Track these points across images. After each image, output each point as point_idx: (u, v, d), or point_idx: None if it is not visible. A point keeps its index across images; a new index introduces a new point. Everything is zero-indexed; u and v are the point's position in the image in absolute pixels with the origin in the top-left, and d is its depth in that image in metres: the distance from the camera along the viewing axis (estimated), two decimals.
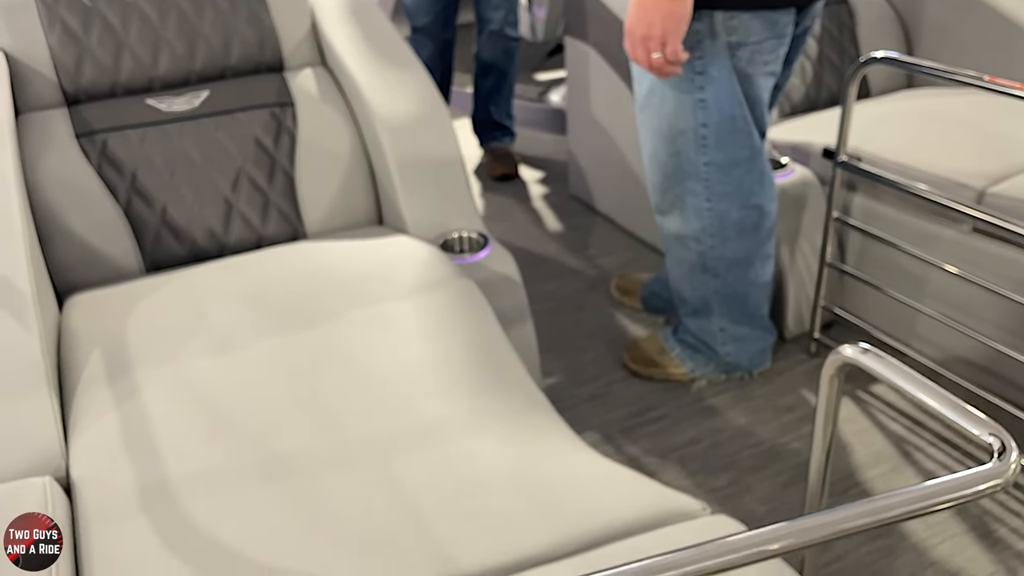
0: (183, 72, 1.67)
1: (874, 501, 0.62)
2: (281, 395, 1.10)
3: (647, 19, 1.30)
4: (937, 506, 0.62)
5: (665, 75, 1.36)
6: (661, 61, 1.33)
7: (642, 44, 1.32)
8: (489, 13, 2.62)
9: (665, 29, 1.29)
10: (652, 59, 1.33)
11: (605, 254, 2.31)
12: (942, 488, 0.62)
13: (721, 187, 1.52)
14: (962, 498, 0.63)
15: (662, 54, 1.32)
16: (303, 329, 1.23)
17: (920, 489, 0.62)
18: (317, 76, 1.73)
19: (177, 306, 1.32)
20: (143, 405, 1.08)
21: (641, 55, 1.34)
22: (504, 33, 2.65)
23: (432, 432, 1.06)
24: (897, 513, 0.62)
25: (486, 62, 2.72)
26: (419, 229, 1.55)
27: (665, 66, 1.34)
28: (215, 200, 1.58)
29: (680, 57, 1.33)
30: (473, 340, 1.24)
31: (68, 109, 1.58)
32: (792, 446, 1.63)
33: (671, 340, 1.80)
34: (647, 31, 1.30)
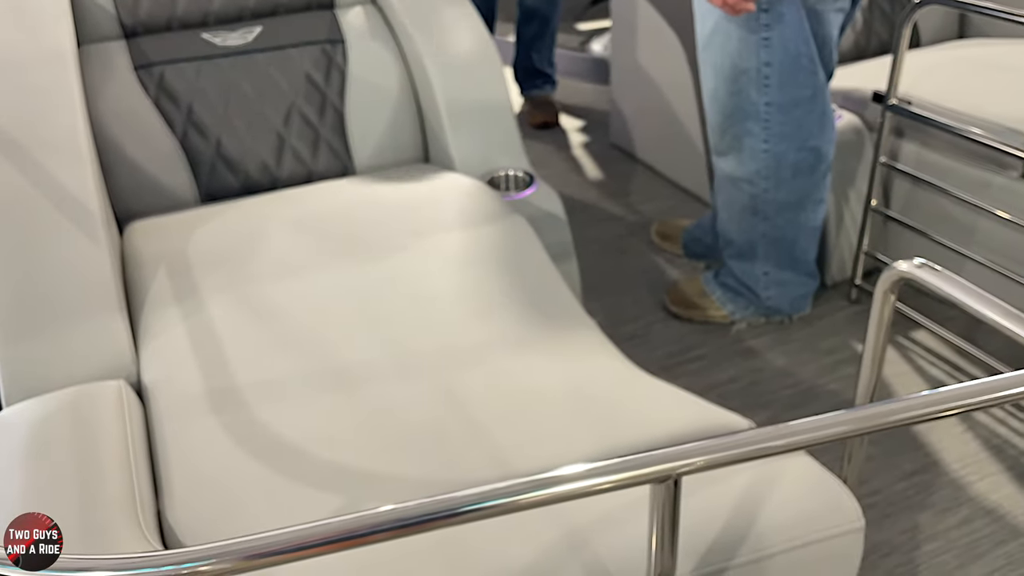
0: (237, 7, 1.69)
1: (925, 395, 0.64)
2: (340, 313, 1.14)
3: None
4: (989, 403, 0.64)
5: (738, 12, 1.36)
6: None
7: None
8: None
9: None
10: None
11: (646, 201, 2.31)
12: (997, 384, 0.64)
13: (780, 127, 1.52)
14: (1014, 396, 0.64)
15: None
16: (358, 256, 1.26)
17: (974, 385, 0.64)
18: (367, 14, 1.74)
19: (236, 232, 1.36)
20: (209, 320, 1.13)
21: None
22: None
23: (487, 349, 1.10)
24: (951, 406, 0.64)
25: (529, 9, 2.71)
26: (466, 167, 1.57)
27: (740, 3, 1.33)
28: (268, 134, 1.61)
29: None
30: (524, 268, 1.26)
31: (127, 42, 1.62)
32: (830, 387, 1.65)
33: (712, 283, 1.82)
34: None
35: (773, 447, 0.62)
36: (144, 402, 1.04)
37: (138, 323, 1.16)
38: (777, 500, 0.83)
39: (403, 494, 0.88)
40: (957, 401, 0.64)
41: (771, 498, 0.83)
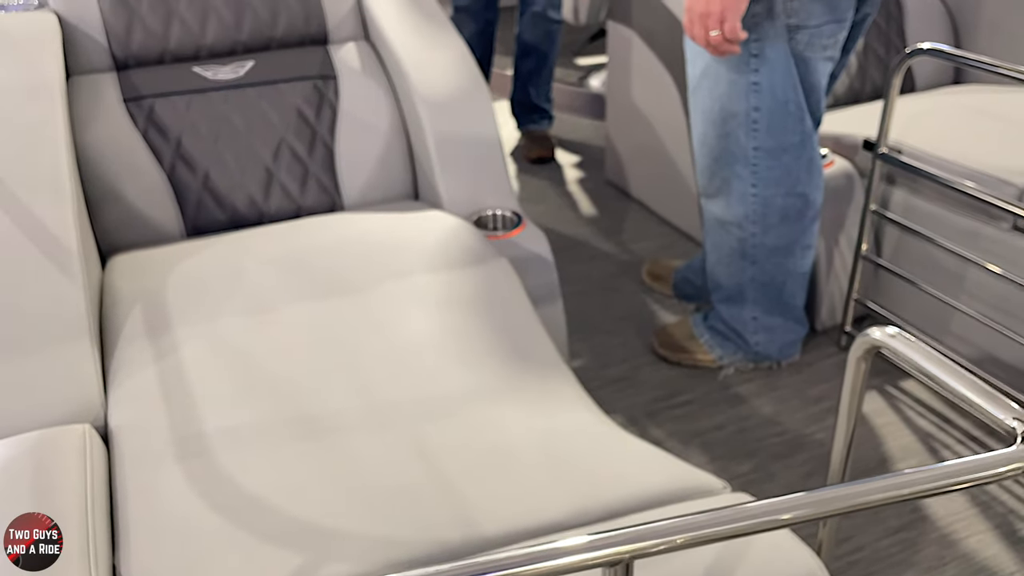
0: (230, 41, 1.70)
1: (894, 477, 0.63)
2: (314, 358, 1.13)
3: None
4: (957, 485, 0.63)
5: (722, 54, 1.36)
6: (719, 39, 1.32)
7: (700, 21, 1.32)
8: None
9: (724, 6, 1.28)
10: (710, 36, 1.32)
11: (638, 239, 2.31)
12: (964, 468, 0.62)
13: (768, 173, 1.52)
14: (983, 479, 0.63)
15: (720, 32, 1.31)
16: (338, 296, 1.25)
17: (941, 468, 0.63)
18: (360, 50, 1.75)
19: (216, 268, 1.35)
20: (181, 361, 1.11)
21: (699, 32, 1.33)
22: (546, 15, 2.65)
23: (460, 400, 1.08)
24: (917, 490, 0.62)
25: (527, 44, 2.72)
26: (454, 205, 1.57)
27: (723, 44, 1.33)
28: (256, 168, 1.61)
29: (739, 36, 1.32)
30: (503, 315, 1.25)
31: (117, 74, 1.62)
32: (817, 436, 1.63)
33: (701, 326, 1.80)
34: (706, 8, 1.30)
35: (732, 530, 0.60)
36: (109, 447, 1.02)
37: (110, 363, 1.14)
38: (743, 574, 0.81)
39: (367, 554, 0.87)
40: (925, 484, 0.62)
41: (736, 572, 0.81)
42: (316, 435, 1.01)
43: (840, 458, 0.91)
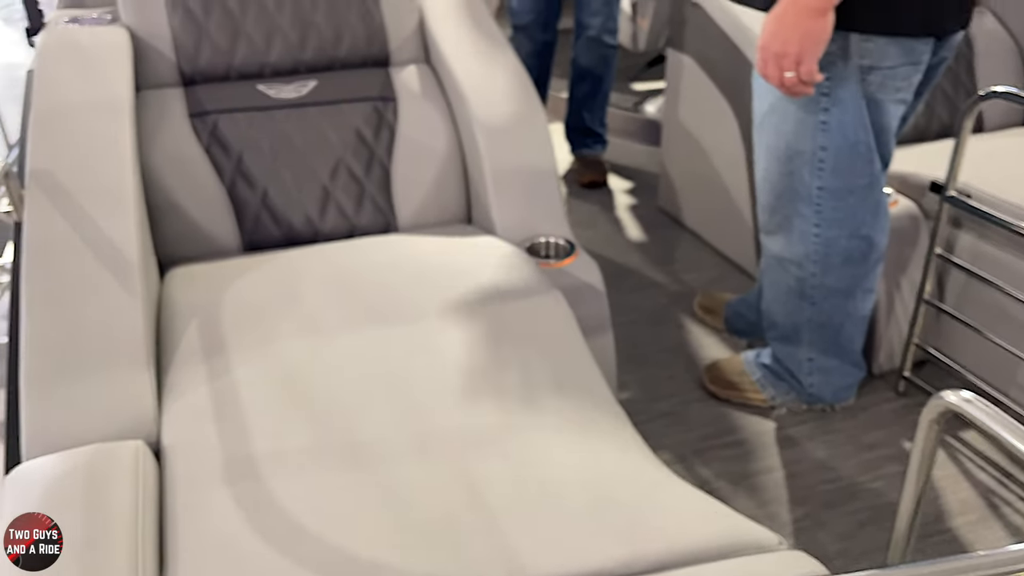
0: (293, 60, 1.72)
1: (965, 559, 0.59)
2: (364, 385, 1.12)
3: (784, 36, 1.26)
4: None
5: (796, 95, 1.33)
6: (794, 80, 1.29)
7: (775, 61, 1.29)
8: (588, 19, 2.62)
9: (803, 48, 1.26)
10: (785, 78, 1.30)
11: (690, 270, 2.27)
12: None
13: (832, 213, 1.48)
14: None
15: (796, 73, 1.29)
16: (390, 323, 1.25)
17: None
18: (420, 73, 1.76)
19: (272, 288, 1.36)
20: (234, 381, 1.12)
21: (773, 72, 1.31)
22: (602, 40, 2.63)
23: (508, 433, 1.06)
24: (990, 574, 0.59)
25: (582, 68, 2.71)
26: (507, 231, 1.56)
27: (797, 85, 1.30)
28: (314, 187, 1.62)
29: (815, 78, 1.29)
30: (556, 348, 1.23)
31: (184, 89, 1.65)
32: (872, 485, 1.57)
33: (753, 364, 1.76)
34: (783, 48, 1.27)
35: None
36: (161, 464, 1.02)
37: (165, 378, 1.15)
38: None
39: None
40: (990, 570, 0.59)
41: None
42: (364, 463, 1.01)
43: (906, 521, 0.87)
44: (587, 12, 2.61)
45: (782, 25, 1.26)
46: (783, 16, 1.26)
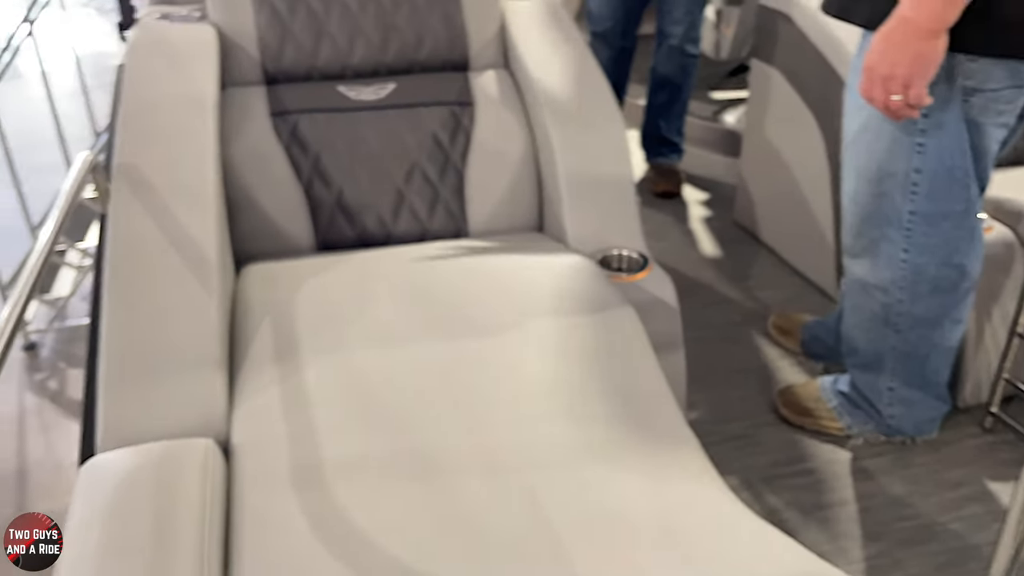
0: (374, 63, 1.72)
1: None
2: (433, 395, 1.11)
3: (893, 57, 1.20)
4: None
5: (899, 118, 1.27)
6: (900, 104, 1.23)
7: (882, 84, 1.23)
8: (670, 27, 2.57)
9: (912, 71, 1.19)
10: (891, 101, 1.24)
11: (765, 287, 2.21)
12: None
13: (924, 239, 1.41)
14: None
15: (903, 97, 1.23)
16: (461, 334, 1.23)
17: None
18: (499, 78, 1.74)
19: (345, 290, 1.36)
20: (305, 383, 1.12)
21: (878, 95, 1.25)
22: (683, 49, 2.58)
23: (575, 453, 1.04)
24: None
25: (661, 76, 2.66)
26: (579, 242, 1.53)
27: (903, 109, 1.24)
28: (388, 189, 1.62)
29: (924, 102, 1.23)
30: (627, 367, 1.20)
31: (267, 88, 1.67)
32: (952, 526, 1.49)
33: (829, 390, 1.70)
34: (891, 70, 1.21)
35: None
36: (230, 463, 1.03)
37: (237, 376, 1.16)
38: None
39: None
40: None
41: None
42: (428, 475, 0.99)
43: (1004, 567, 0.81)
44: (669, 20, 2.56)
45: (891, 45, 1.20)
46: (892, 36, 1.20)
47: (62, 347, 2.46)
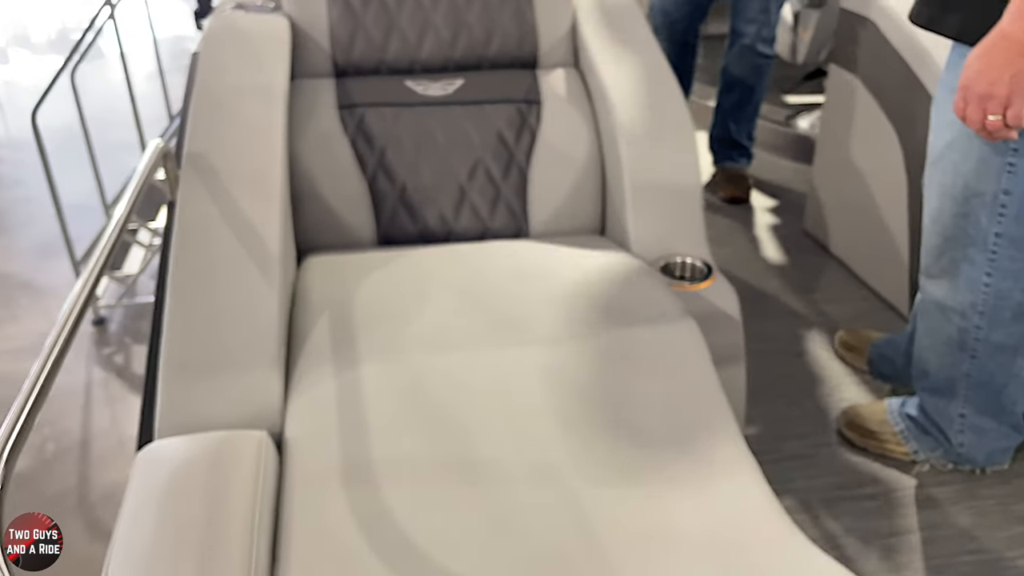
0: (443, 58, 1.72)
1: None
2: (486, 401, 1.10)
3: (992, 76, 1.14)
4: None
5: (996, 139, 1.21)
6: (998, 124, 1.17)
7: (978, 103, 1.17)
8: (743, 26, 2.50)
9: (1012, 90, 1.13)
10: (988, 121, 1.17)
11: (833, 301, 2.14)
12: None
13: (1009, 264, 1.34)
14: None
15: (1001, 117, 1.16)
16: (517, 340, 1.22)
17: None
18: (568, 77, 1.72)
19: (403, 287, 1.36)
20: (359, 381, 1.12)
21: (974, 115, 1.18)
22: (756, 49, 2.51)
23: (628, 468, 1.02)
24: None
25: (733, 77, 2.59)
26: (642, 247, 1.50)
27: (1001, 130, 1.18)
28: (451, 186, 1.62)
29: (1023, 123, 1.17)
30: (686, 381, 1.17)
31: (336, 80, 1.67)
32: (1020, 563, 1.42)
33: (897, 413, 1.63)
34: (989, 89, 1.15)
35: None
36: (282, 456, 1.04)
37: (293, 368, 1.17)
38: None
39: None
40: None
41: None
42: (477, 481, 0.98)
43: None
44: (742, 19, 2.49)
45: (990, 64, 1.14)
46: (992, 53, 1.14)
47: (130, 323, 2.53)
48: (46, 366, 0.81)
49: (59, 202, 2.50)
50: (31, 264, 3.20)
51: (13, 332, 2.83)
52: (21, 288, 3.07)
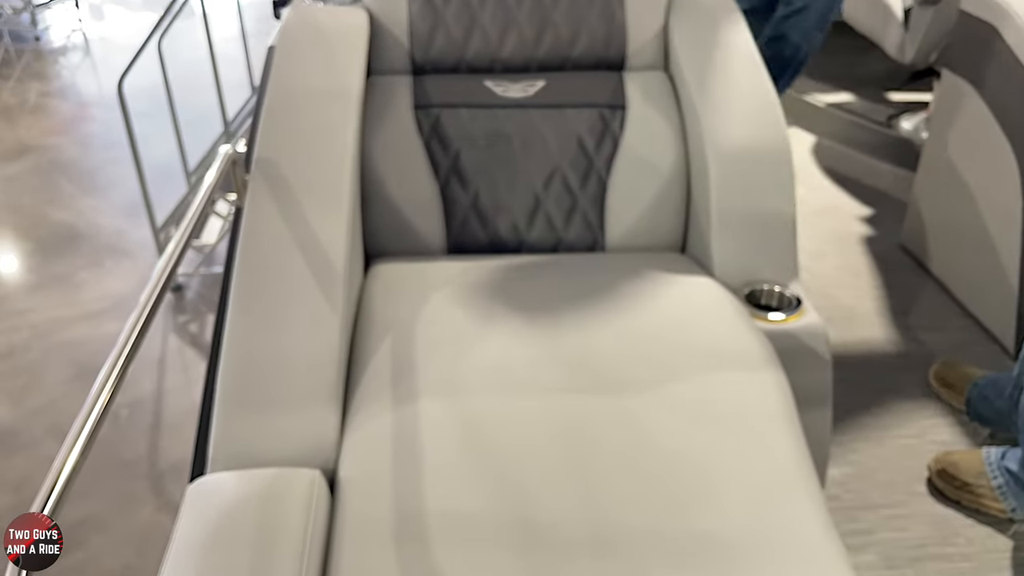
0: (525, 57, 1.63)
1: None
2: (550, 455, 1.02)
3: None
4: None
5: None
6: None
7: None
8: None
9: None
10: None
11: (930, 328, 1.99)
12: None
13: None
14: None
15: None
16: (587, 386, 1.13)
17: None
18: (656, 81, 1.61)
19: (469, 309, 1.30)
20: (417, 418, 1.06)
21: None
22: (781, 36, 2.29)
23: (702, 545, 0.94)
24: None
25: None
26: (726, 272, 1.40)
27: None
28: (525, 194, 1.54)
29: None
30: (772, 450, 1.06)
31: (413, 78, 1.61)
32: None
33: (995, 465, 1.50)
34: None
35: None
36: (334, 497, 1.00)
37: (352, 397, 1.12)
38: None
39: None
40: None
41: None
42: (534, 547, 0.92)
43: None
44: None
45: None
46: None
47: (205, 291, 2.58)
48: (133, 333, 0.85)
49: (142, 172, 2.55)
50: (117, 226, 3.29)
51: (96, 294, 2.91)
52: (107, 250, 3.16)
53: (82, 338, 2.67)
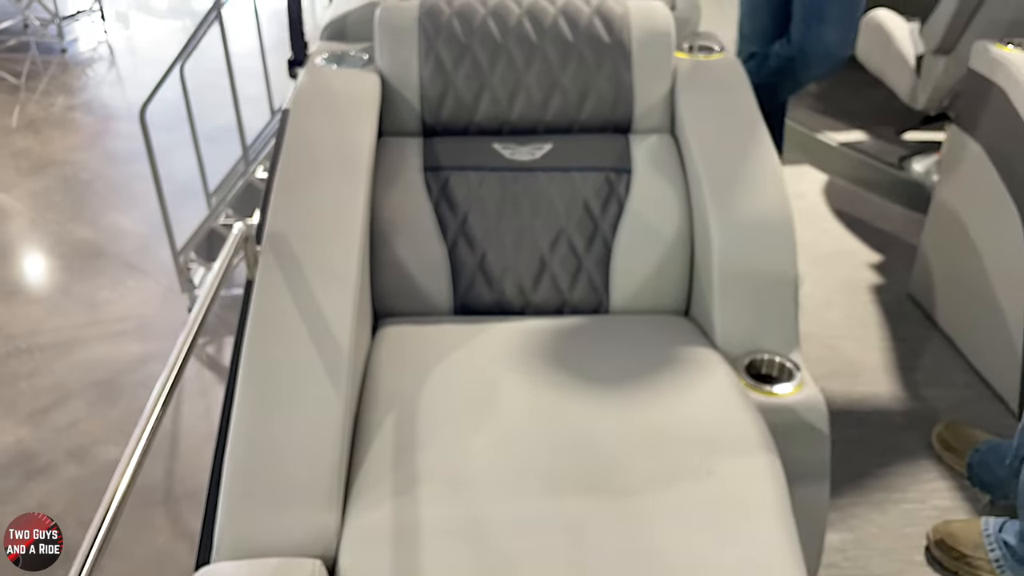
0: (533, 120, 1.66)
1: None
2: (552, 561, 1.03)
3: None
4: None
5: None
6: None
7: None
8: None
9: None
10: None
11: (934, 383, 1.99)
12: None
13: None
14: None
15: None
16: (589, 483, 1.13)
17: None
18: (662, 145, 1.64)
19: (475, 380, 1.32)
20: (418, 505, 1.09)
21: None
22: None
23: None
24: None
25: None
26: (727, 338, 1.42)
27: None
28: (531, 256, 1.57)
29: None
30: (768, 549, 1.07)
31: (423, 140, 1.64)
32: None
33: (994, 536, 1.51)
34: None
35: None
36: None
37: (353, 480, 1.14)
38: None
39: None
40: None
41: None
42: None
43: None
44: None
45: None
46: None
47: (223, 312, 2.61)
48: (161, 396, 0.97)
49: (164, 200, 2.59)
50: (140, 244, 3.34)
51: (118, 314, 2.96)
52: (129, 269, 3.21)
53: (104, 358, 2.72)
